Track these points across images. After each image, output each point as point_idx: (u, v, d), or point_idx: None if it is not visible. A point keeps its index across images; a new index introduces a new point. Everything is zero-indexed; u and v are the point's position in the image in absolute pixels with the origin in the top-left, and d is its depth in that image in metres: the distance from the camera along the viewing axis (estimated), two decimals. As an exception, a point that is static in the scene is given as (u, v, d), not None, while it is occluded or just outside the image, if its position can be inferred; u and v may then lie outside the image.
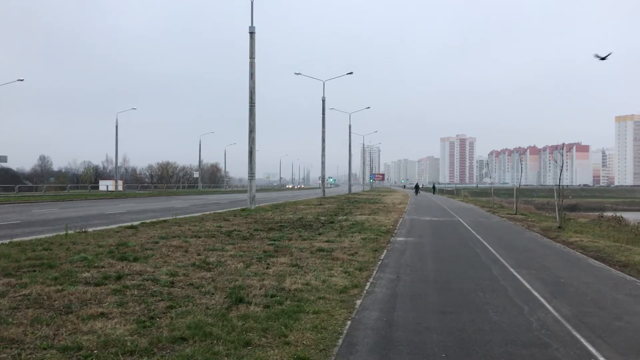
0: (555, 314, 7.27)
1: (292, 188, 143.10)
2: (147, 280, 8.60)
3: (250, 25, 28.75)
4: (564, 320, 6.90)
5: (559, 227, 20.75)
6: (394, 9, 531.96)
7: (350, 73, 54.79)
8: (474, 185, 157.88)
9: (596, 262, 12.49)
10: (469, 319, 6.94)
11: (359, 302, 7.77)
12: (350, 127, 74.02)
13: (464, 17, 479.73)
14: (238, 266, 10.16)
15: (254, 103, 28.99)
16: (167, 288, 8.08)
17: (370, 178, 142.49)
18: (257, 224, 19.53)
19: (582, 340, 6.08)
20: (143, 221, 19.15)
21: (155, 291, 7.82)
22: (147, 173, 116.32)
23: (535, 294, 8.59)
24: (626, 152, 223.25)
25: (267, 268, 10.09)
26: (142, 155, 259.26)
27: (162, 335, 5.76)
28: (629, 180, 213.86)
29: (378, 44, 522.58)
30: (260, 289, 8.19)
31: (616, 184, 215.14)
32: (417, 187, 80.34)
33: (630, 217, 32.23)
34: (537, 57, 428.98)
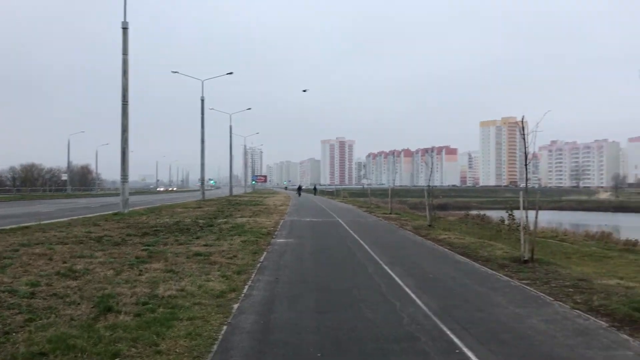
0: (425, 308, 7.61)
1: (166, 190, 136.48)
2: (4, 292, 7.86)
3: (123, 20, 27.43)
4: (432, 315, 7.25)
5: (430, 226, 21.90)
6: (279, 11, 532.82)
7: (230, 73, 54.16)
8: (359, 186, 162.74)
9: (462, 257, 13.30)
10: (345, 318, 7.07)
11: (236, 306, 7.65)
12: (231, 128, 73.19)
13: (347, 23, 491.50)
14: (108, 273, 9.61)
15: (127, 101, 27.67)
16: (26, 300, 7.43)
17: (253, 180, 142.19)
18: (130, 228, 18.66)
19: (449, 332, 6.40)
20: (2, 227, 17.57)
21: (12, 304, 7.16)
22: (9, 175, 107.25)
23: (407, 290, 8.96)
24: (489, 155, 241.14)
25: (139, 275, 9.64)
26: (5, 157, 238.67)
27: (18, 351, 5.27)
28: (491, 181, 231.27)
29: (264, 45, 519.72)
30: (131, 296, 7.79)
31: (481, 184, 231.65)
32: (299, 189, 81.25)
33: (493, 214, 34.74)
34: (410, 62, 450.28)
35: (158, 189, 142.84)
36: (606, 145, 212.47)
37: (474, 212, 40.87)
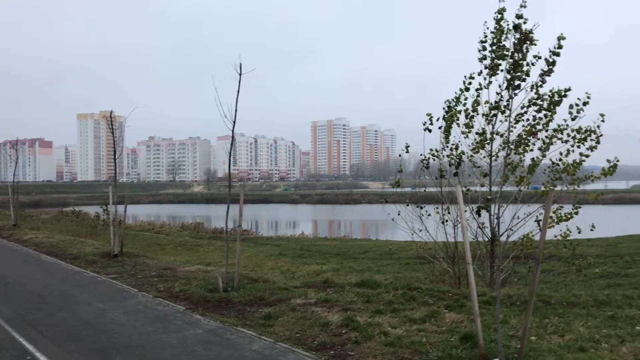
0: (-4, 317, 6.87)
1: None
2: None
3: None
4: (4, 323, 6.59)
5: (15, 225, 19.95)
6: None
7: None
8: None
9: (49, 257, 12.54)
10: None
11: None
12: None
13: None
14: None
15: None
16: None
17: None
18: None
19: (21, 339, 5.92)
20: None
21: None
22: None
23: (-23, 299, 7.93)
24: (87, 148, 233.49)
25: None
26: None
27: None
28: (90, 176, 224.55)
29: None
30: None
31: (79, 179, 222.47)
32: None
33: (91, 210, 33.75)
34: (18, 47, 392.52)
35: None
36: (199, 143, 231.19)
37: (69, 209, 38.96)
